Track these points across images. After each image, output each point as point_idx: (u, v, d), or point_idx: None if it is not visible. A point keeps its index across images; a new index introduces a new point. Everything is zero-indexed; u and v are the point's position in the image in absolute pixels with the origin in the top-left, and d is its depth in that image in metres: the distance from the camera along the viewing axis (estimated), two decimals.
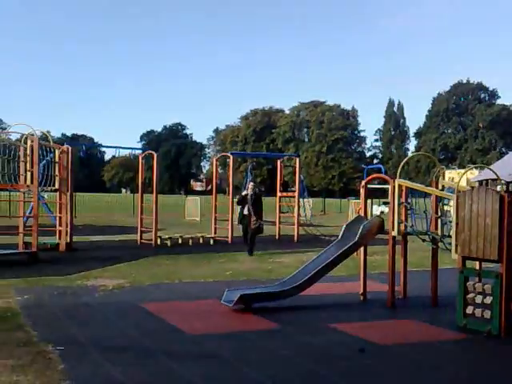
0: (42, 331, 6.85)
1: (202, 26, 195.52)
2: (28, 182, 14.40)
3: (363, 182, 10.06)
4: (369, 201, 10.21)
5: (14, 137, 16.43)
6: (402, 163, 10.10)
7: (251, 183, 16.37)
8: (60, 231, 16.39)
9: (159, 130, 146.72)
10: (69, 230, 16.38)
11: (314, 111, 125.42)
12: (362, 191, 9.96)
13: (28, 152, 14.44)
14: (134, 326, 7.34)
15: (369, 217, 9.88)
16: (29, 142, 14.49)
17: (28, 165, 14.42)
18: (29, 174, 14.40)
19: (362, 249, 9.53)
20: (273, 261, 14.33)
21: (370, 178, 10.52)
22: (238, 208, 17.38)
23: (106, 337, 6.76)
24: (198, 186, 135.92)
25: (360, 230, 8.95)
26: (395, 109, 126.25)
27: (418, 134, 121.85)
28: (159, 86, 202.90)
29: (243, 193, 16.01)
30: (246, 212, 15.65)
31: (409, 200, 8.97)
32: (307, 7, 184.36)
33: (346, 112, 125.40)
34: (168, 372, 5.49)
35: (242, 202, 15.87)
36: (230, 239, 18.80)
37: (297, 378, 5.42)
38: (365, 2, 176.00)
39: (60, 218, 16.53)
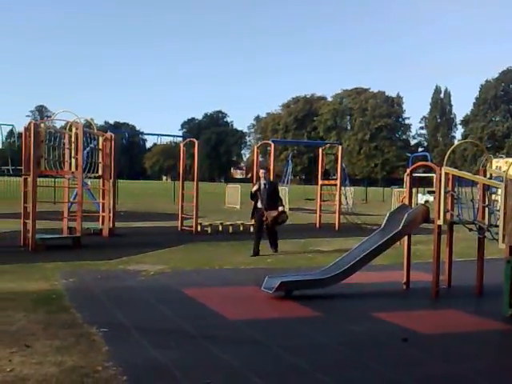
0: (86, 313, 6.96)
1: (244, 12, 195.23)
2: (73, 168, 14.63)
3: (408, 170, 9.88)
4: (413, 189, 10.02)
5: (58, 124, 16.71)
6: (448, 151, 9.89)
7: (262, 170, 13.54)
8: (103, 217, 16.63)
9: (200, 117, 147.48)
10: (111, 216, 16.61)
11: (358, 98, 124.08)
12: (407, 179, 9.79)
13: (73, 139, 14.66)
14: (175, 310, 7.38)
15: (413, 205, 9.72)
16: (73, 129, 14.71)
17: (73, 152, 14.64)
18: (73, 160, 14.62)
19: (405, 238, 9.39)
20: (313, 249, 14.26)
21: (415, 165, 10.33)
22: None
23: (147, 320, 6.82)
24: (238, 173, 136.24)
25: (404, 219, 8.80)
26: (442, 96, 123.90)
27: (464, 122, 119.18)
28: (200, 74, 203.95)
29: (254, 188, 13.19)
30: (259, 205, 13.00)
31: (455, 189, 8.79)
32: None
33: (390, 99, 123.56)
34: (209, 356, 5.50)
35: (255, 195, 13.17)
36: None
37: (337, 365, 5.37)
38: None
39: (103, 204, 16.76)
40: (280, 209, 12.90)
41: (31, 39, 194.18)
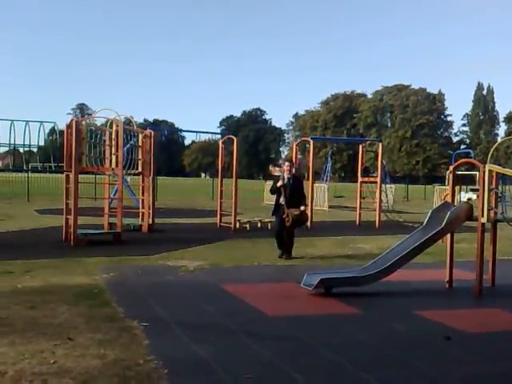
0: (127, 308, 7.03)
1: (282, 9, 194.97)
2: (113, 165, 14.79)
3: (451, 167, 9.71)
4: (456, 187, 9.85)
5: (98, 122, 16.91)
6: (492, 148, 9.70)
7: (286, 163, 12.26)
8: (143, 213, 16.78)
9: (238, 115, 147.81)
10: (151, 212, 16.76)
11: (398, 95, 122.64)
12: (450, 176, 9.63)
13: (113, 136, 14.83)
14: (215, 305, 7.40)
15: (456, 203, 9.55)
16: (114, 127, 14.88)
17: (113, 149, 14.81)
18: (114, 157, 14.79)
19: (448, 235, 9.23)
20: (353, 246, 14.14)
21: (458, 162, 10.14)
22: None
23: (187, 315, 6.85)
24: (276, 171, 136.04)
25: (447, 216, 8.64)
26: (484, 92, 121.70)
27: (508, 119, 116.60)
28: (239, 71, 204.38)
29: (279, 183, 11.85)
30: (282, 201, 11.81)
31: (499, 186, 8.61)
32: None
33: (432, 96, 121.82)
34: (249, 351, 5.50)
35: (275, 188, 12.05)
36: (309, 224, 18.67)
37: (378, 363, 5.30)
38: None
39: (143, 200, 16.92)
40: (302, 208, 11.71)
41: (71, 38, 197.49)
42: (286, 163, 12.23)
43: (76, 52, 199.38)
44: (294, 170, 12.17)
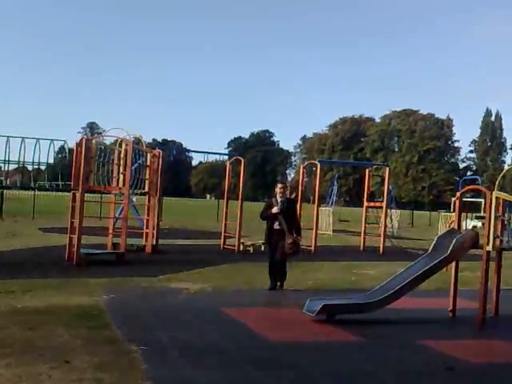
0: (127, 330, 6.96)
1: (293, 38, 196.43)
2: (120, 184, 14.79)
3: (458, 193, 9.65)
4: (462, 214, 9.77)
5: (108, 141, 16.94)
6: (499, 176, 9.64)
7: (279, 184, 11.14)
8: (147, 233, 16.74)
9: (247, 136, 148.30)
10: (155, 233, 16.70)
11: (406, 120, 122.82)
12: (456, 203, 9.56)
13: (122, 155, 14.84)
14: (216, 329, 7.32)
15: (462, 230, 9.46)
16: (123, 146, 14.89)
17: (121, 168, 14.82)
18: (121, 176, 14.79)
19: (453, 263, 9.13)
20: (357, 272, 14.03)
21: (465, 189, 10.08)
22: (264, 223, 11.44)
23: (187, 339, 6.77)
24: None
25: (452, 244, 8.55)
26: (492, 119, 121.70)
27: None
28: (247, 93, 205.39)
29: (274, 210, 10.66)
30: (276, 226, 10.69)
31: (505, 214, 8.54)
32: (397, 14, 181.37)
33: (440, 121, 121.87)
34: (248, 378, 5.43)
35: (268, 214, 10.85)
36: (313, 248, 18.62)
37: None
38: (458, 9, 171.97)
39: (147, 220, 16.88)
40: (298, 236, 10.72)
41: (83, 57, 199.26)
42: (279, 185, 11.09)
43: (87, 71, 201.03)
44: (287, 193, 11.57)
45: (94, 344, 6.25)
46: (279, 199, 10.77)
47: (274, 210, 10.60)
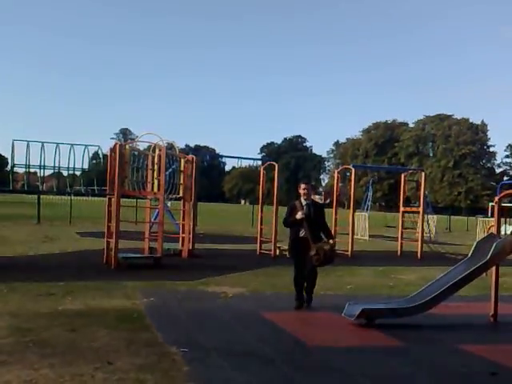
0: (167, 333, 7.00)
1: (325, 42, 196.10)
2: (155, 189, 14.91)
3: (496, 198, 9.51)
4: (501, 219, 9.63)
5: (141, 146, 17.09)
6: None
7: (302, 185, 9.45)
8: (183, 238, 16.83)
9: (279, 142, 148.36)
10: (191, 238, 16.78)
11: (440, 125, 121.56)
12: (495, 208, 9.42)
13: (156, 160, 14.96)
14: (255, 333, 7.32)
15: (501, 235, 9.33)
16: (157, 151, 15.00)
17: (155, 173, 14.94)
18: (156, 181, 14.91)
19: (493, 268, 9.00)
20: (395, 277, 13.89)
21: (504, 193, 9.94)
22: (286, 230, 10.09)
23: (227, 342, 6.79)
24: (316, 198, 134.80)
25: (493, 249, 8.43)
26: None
27: None
28: (278, 98, 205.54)
29: (299, 214, 9.14)
30: (302, 234, 9.22)
31: None
32: (432, 16, 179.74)
33: (474, 126, 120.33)
34: (289, 381, 5.42)
35: (292, 220, 9.33)
36: (350, 253, 18.51)
37: None
38: (486, 10, 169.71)
39: (183, 225, 16.97)
40: (331, 241, 9.32)
41: (116, 63, 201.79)
42: (302, 185, 9.39)
43: (119, 77, 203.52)
44: (315, 196, 11.26)
45: (135, 346, 6.30)
46: (304, 202, 9.30)
47: (299, 215, 9.09)
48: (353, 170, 20.71)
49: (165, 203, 16.08)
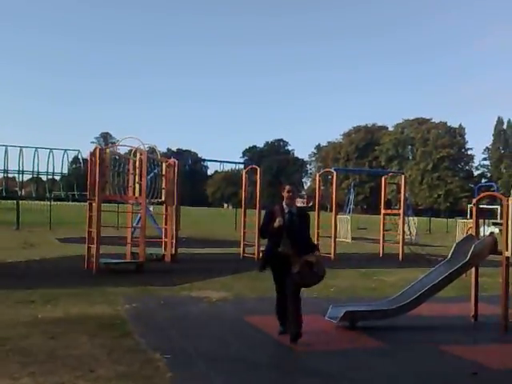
0: (149, 339, 6.95)
1: (306, 45, 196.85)
2: (136, 193, 14.83)
3: (475, 200, 9.62)
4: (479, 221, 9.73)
5: (122, 151, 17.01)
6: None
7: (287, 187, 7.64)
8: (165, 243, 16.75)
9: (261, 145, 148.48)
10: (174, 242, 16.71)
11: (419, 128, 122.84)
12: (473, 209, 9.53)
13: (137, 165, 14.88)
14: (239, 338, 7.30)
15: (479, 237, 9.42)
16: (138, 155, 14.93)
17: (137, 177, 14.86)
18: (137, 186, 14.83)
19: (473, 269, 9.08)
20: (377, 279, 13.96)
21: (482, 195, 10.07)
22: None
23: (210, 347, 6.76)
24: (299, 202, 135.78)
25: (472, 250, 8.52)
26: (504, 127, 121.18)
27: None
28: (260, 102, 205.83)
29: (277, 222, 7.22)
30: (281, 249, 7.27)
31: None
32: (406, 20, 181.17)
33: (452, 130, 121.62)
34: None
35: (270, 229, 7.38)
36: (332, 256, 18.55)
37: None
38: (464, 21, 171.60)
39: (165, 229, 16.90)
40: (316, 254, 7.38)
41: (96, 67, 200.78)
42: (287, 187, 7.61)
43: (98, 81, 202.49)
44: (300, 200, 9.48)
45: (117, 353, 6.25)
46: (286, 208, 7.50)
47: (276, 222, 7.21)
48: (334, 173, 20.77)
49: (147, 208, 16.01)
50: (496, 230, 22.37)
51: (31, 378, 5.27)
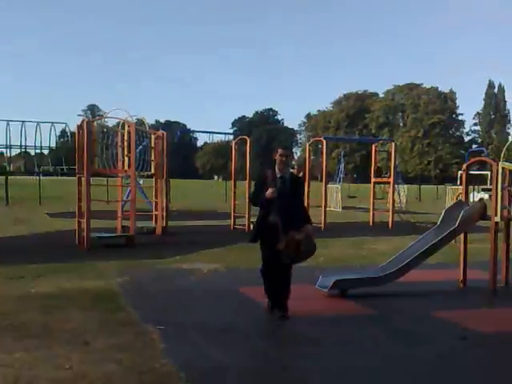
0: (142, 311, 7.02)
1: (294, 14, 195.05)
2: (125, 167, 14.77)
3: (465, 166, 9.66)
4: (469, 187, 9.79)
5: (110, 123, 16.88)
6: (505, 147, 9.65)
7: (280, 150, 6.95)
8: (156, 216, 16.76)
9: (251, 115, 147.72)
10: (164, 215, 16.72)
11: (410, 94, 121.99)
12: (463, 175, 9.58)
13: (125, 137, 14.80)
14: (231, 308, 7.39)
15: (469, 203, 9.49)
16: (126, 128, 14.83)
17: (125, 150, 14.78)
18: (126, 159, 14.76)
19: (462, 235, 9.17)
20: (367, 247, 14.08)
21: (472, 161, 10.11)
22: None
23: (203, 319, 6.84)
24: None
25: (461, 216, 8.59)
26: (495, 91, 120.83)
27: None
28: (250, 72, 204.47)
29: (269, 191, 6.69)
30: (272, 219, 6.75)
31: None
32: None
33: (443, 95, 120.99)
34: (265, 355, 5.49)
35: (262, 197, 6.84)
36: (323, 225, 18.65)
37: (395, 362, 5.30)
38: None
39: (156, 202, 16.89)
40: (308, 227, 6.88)
41: (80, 38, 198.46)
42: (280, 150, 6.91)
43: (86, 53, 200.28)
44: (291, 166, 8.94)
45: (111, 326, 6.31)
46: (278, 174, 6.89)
47: (269, 192, 6.65)
48: (324, 142, 20.75)
49: (136, 181, 15.97)
50: (486, 196, 22.55)
51: (26, 352, 5.32)
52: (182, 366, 4.97)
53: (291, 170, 7.56)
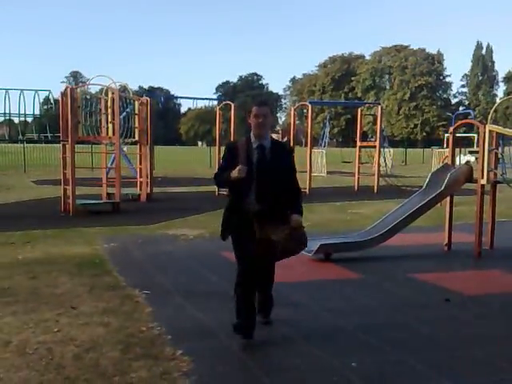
0: (129, 276, 7.07)
1: None
2: (110, 133, 14.68)
3: (451, 128, 9.67)
4: (455, 149, 9.81)
5: (93, 90, 16.69)
6: (492, 109, 9.66)
7: (256, 108, 4.94)
8: (141, 182, 16.73)
9: (235, 80, 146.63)
10: (149, 182, 16.70)
11: (397, 56, 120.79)
12: (449, 138, 9.59)
13: (109, 104, 14.67)
14: (216, 273, 7.42)
15: (455, 166, 9.52)
16: (109, 94, 14.70)
17: (109, 117, 14.68)
18: (110, 126, 14.66)
19: (447, 198, 9.23)
20: (352, 212, 14.15)
21: (459, 123, 10.09)
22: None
23: (188, 283, 6.90)
24: (274, 137, 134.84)
25: (447, 179, 8.63)
26: (483, 52, 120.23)
27: (507, 79, 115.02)
28: (233, 36, 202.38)
29: (234, 173, 4.75)
30: (249, 204, 4.87)
31: (499, 147, 8.60)
32: None
33: (430, 56, 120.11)
34: None
35: (227, 177, 4.89)
36: (307, 190, 18.68)
37: (378, 325, 5.37)
38: None
39: (140, 169, 16.84)
40: (295, 219, 4.97)
41: (64, 6, 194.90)
42: (255, 108, 4.97)
43: (68, 20, 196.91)
44: (274, 129, 7.88)
45: (98, 290, 6.36)
46: (255, 142, 5.04)
47: (234, 172, 4.78)
48: (309, 106, 20.65)
49: (121, 148, 15.87)
50: (472, 159, 22.67)
51: (14, 317, 5.35)
52: (169, 329, 5.03)
53: (274, 136, 6.42)
